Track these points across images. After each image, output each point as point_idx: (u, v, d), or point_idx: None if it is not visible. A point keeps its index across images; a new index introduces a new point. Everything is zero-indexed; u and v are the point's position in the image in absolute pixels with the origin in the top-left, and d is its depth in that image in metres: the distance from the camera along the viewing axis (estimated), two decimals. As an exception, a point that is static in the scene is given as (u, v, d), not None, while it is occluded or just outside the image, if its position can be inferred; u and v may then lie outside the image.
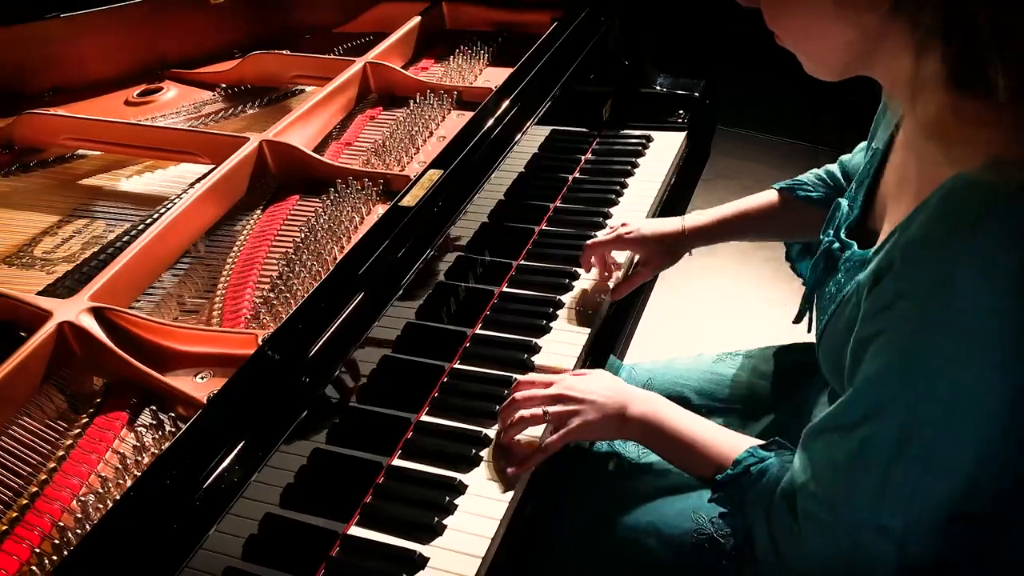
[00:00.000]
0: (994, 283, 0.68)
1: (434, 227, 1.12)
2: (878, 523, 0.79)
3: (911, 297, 0.72)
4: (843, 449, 0.79)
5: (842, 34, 0.74)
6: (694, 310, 2.43)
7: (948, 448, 0.75)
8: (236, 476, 0.81)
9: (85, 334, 1.01)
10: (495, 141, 1.27)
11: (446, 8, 1.85)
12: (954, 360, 0.71)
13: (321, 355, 0.92)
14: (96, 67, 1.78)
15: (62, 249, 1.31)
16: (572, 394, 1.04)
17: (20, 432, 0.95)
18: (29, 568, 0.81)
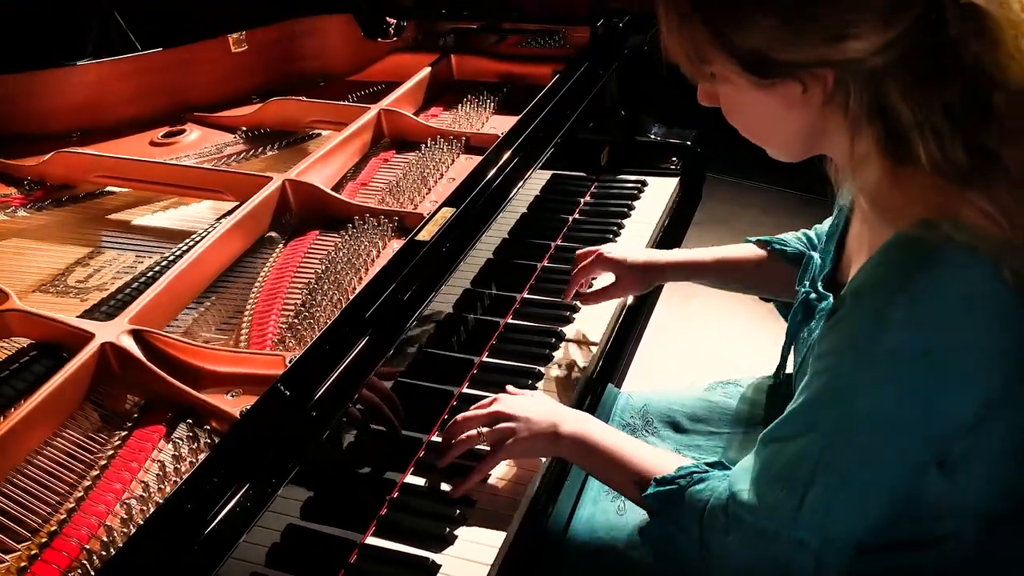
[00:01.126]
0: (919, 325, 0.76)
1: (447, 260, 1.21)
2: (795, 537, 0.86)
3: (848, 330, 0.82)
4: (779, 461, 0.87)
5: (789, 125, 0.86)
6: (690, 341, 2.53)
7: (863, 471, 0.83)
8: (262, 493, 0.88)
9: (125, 354, 1.09)
10: (502, 183, 1.37)
11: (454, 60, 1.96)
12: (875, 384, 0.80)
13: (349, 373, 1.00)
14: (122, 110, 1.88)
15: (94, 279, 1.39)
16: (507, 411, 1.10)
17: (65, 443, 1.03)
18: (80, 563, 0.88)
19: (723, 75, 0.84)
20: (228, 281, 1.34)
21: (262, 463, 0.90)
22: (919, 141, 0.75)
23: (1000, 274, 0.75)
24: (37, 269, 1.41)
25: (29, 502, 0.96)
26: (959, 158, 0.75)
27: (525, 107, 1.57)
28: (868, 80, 0.77)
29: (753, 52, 0.79)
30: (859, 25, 0.74)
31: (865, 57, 0.75)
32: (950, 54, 0.74)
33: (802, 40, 0.76)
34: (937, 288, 0.76)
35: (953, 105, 0.74)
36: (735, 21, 0.78)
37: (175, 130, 1.84)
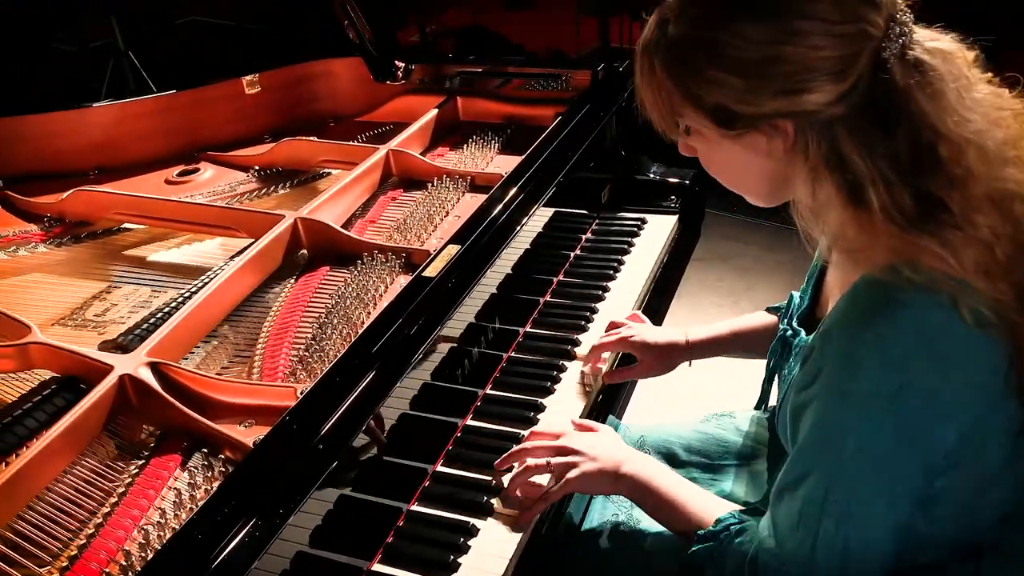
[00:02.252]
0: (889, 364, 0.82)
1: (452, 295, 1.26)
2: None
3: (825, 374, 0.87)
4: (793, 510, 0.92)
5: (757, 172, 0.93)
6: (687, 372, 2.56)
7: (864, 504, 0.87)
8: (270, 524, 0.92)
9: (143, 385, 1.14)
10: (505, 221, 1.42)
11: (460, 102, 2.03)
12: (859, 423, 0.85)
13: (356, 407, 1.05)
14: (138, 149, 1.96)
15: (111, 312, 1.44)
16: (576, 447, 1.14)
17: (85, 471, 1.07)
18: (100, 584, 0.92)
19: (695, 128, 0.92)
20: (241, 315, 1.39)
21: (271, 496, 0.93)
22: (870, 188, 0.82)
23: (959, 313, 0.80)
24: (56, 303, 1.46)
25: (50, 527, 1.00)
26: (906, 205, 0.81)
27: (528, 147, 1.63)
28: (824, 130, 0.84)
29: (718, 106, 0.86)
30: (813, 80, 0.81)
31: (820, 109, 0.82)
32: (896, 105, 0.81)
33: (761, 95, 0.83)
34: (899, 329, 0.81)
35: (900, 154, 0.81)
36: (701, 80, 0.86)
37: (189, 169, 1.91)
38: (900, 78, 0.81)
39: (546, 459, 1.14)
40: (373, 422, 1.10)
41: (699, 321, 1.43)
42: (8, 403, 1.19)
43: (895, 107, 0.81)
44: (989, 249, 0.82)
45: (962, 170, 0.82)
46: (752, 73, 0.83)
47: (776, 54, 0.82)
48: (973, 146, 0.82)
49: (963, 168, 0.82)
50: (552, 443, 1.16)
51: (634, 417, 1.50)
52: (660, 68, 0.89)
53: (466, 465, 1.23)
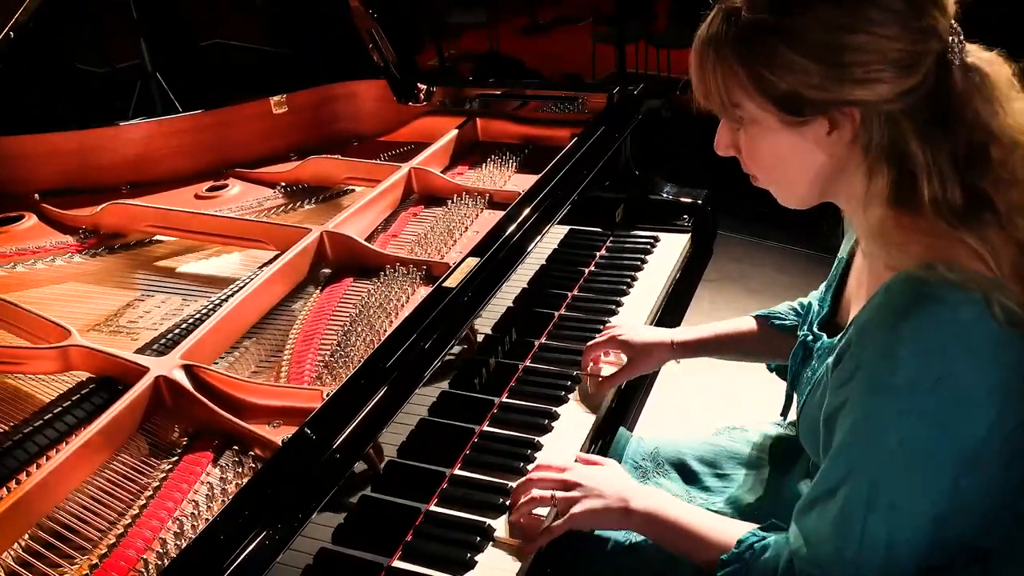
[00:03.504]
0: (926, 356, 0.85)
1: (471, 305, 1.32)
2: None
3: (863, 369, 0.90)
4: (830, 514, 0.93)
5: (811, 164, 0.95)
6: (701, 388, 2.61)
7: (909, 497, 0.89)
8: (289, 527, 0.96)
9: (177, 386, 1.20)
10: (522, 236, 1.48)
11: (479, 123, 2.10)
12: (900, 418, 0.88)
13: (383, 404, 1.10)
14: (169, 165, 2.03)
15: (144, 320, 1.50)
16: (581, 481, 1.13)
17: (122, 466, 1.13)
18: (137, 571, 0.97)
19: (752, 117, 0.93)
20: (268, 323, 1.45)
21: (297, 492, 0.99)
22: (925, 181, 0.86)
23: (991, 310, 0.84)
24: (91, 310, 1.52)
25: (89, 518, 1.05)
26: (956, 199, 0.86)
27: (545, 167, 1.69)
28: (889, 121, 0.87)
29: (788, 92, 0.88)
30: (884, 70, 0.85)
31: (888, 99, 0.86)
32: (955, 106, 0.85)
33: (832, 81, 0.86)
34: (936, 323, 0.84)
35: (957, 151, 0.85)
36: (773, 64, 0.88)
37: (218, 184, 1.98)
38: (960, 81, 0.86)
39: (551, 492, 1.14)
40: (372, 450, 1.13)
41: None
42: (48, 402, 1.25)
43: (955, 107, 0.86)
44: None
45: (1008, 173, 0.87)
46: (828, 58, 0.86)
47: (852, 41, 0.85)
48: (1021, 149, 0.87)
49: (1009, 172, 0.87)
50: (557, 476, 1.15)
51: (644, 430, 1.54)
52: (729, 56, 0.90)
53: (483, 469, 1.28)
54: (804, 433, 1.11)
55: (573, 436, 1.36)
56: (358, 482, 1.13)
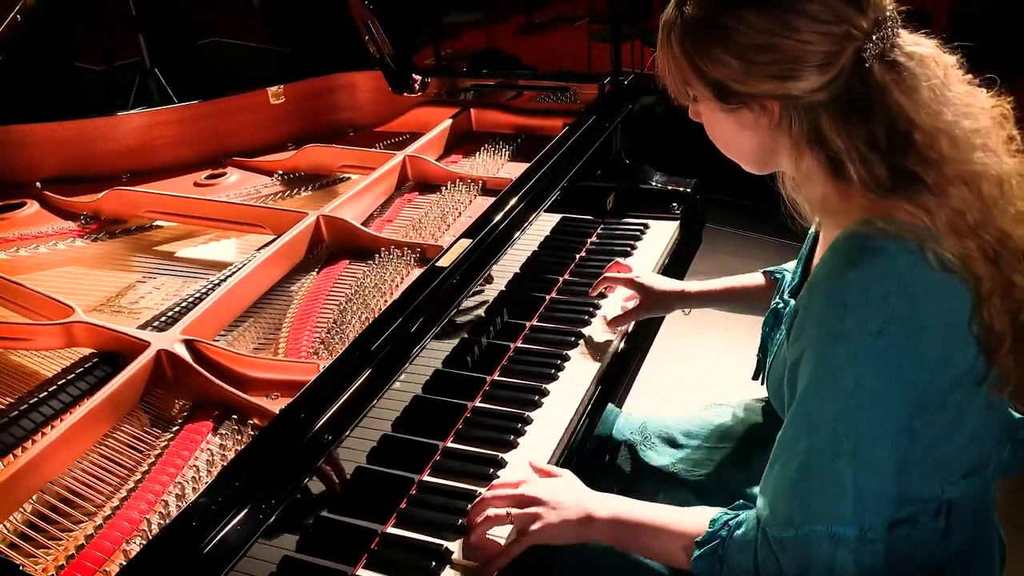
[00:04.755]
0: (872, 302, 0.91)
1: (463, 283, 1.36)
2: (833, 532, 0.94)
3: (815, 319, 0.95)
4: (792, 468, 0.96)
5: (747, 143, 1.04)
6: (685, 363, 2.66)
7: (869, 441, 0.93)
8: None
9: (178, 360, 1.23)
10: (515, 218, 1.52)
11: (473, 113, 2.14)
12: (854, 361, 0.92)
13: (379, 376, 1.14)
14: (168, 154, 2.06)
15: (144, 300, 1.54)
16: (537, 495, 1.10)
17: (125, 435, 1.17)
18: (140, 531, 1.01)
19: (700, 98, 1.03)
20: (266, 304, 1.48)
21: (291, 459, 1.02)
22: (848, 164, 0.93)
23: (924, 256, 0.90)
24: (93, 292, 1.55)
25: (94, 483, 1.09)
26: (882, 177, 0.92)
27: (537, 156, 1.73)
28: (807, 112, 0.95)
29: (718, 82, 0.98)
30: (800, 69, 0.92)
31: (804, 94, 0.93)
32: (873, 97, 0.92)
33: (755, 77, 0.95)
34: (877, 272, 0.91)
35: (878, 137, 0.92)
36: (706, 56, 0.97)
37: (217, 173, 2.01)
38: (879, 76, 0.92)
39: (506, 510, 1.11)
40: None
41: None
42: (51, 376, 1.29)
43: (872, 98, 0.92)
44: (960, 214, 0.92)
45: (935, 154, 0.93)
46: (748, 57, 0.94)
47: (772, 43, 0.93)
48: (944, 134, 0.93)
49: (936, 152, 0.93)
50: (512, 491, 1.13)
51: (633, 406, 1.58)
52: (675, 42, 1.00)
53: (474, 442, 1.32)
54: (772, 394, 1.15)
55: (561, 412, 1.40)
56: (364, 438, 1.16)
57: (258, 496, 0.96)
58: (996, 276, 0.93)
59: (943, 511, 1.04)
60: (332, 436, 1.07)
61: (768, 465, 1.00)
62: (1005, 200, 0.96)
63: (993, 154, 0.96)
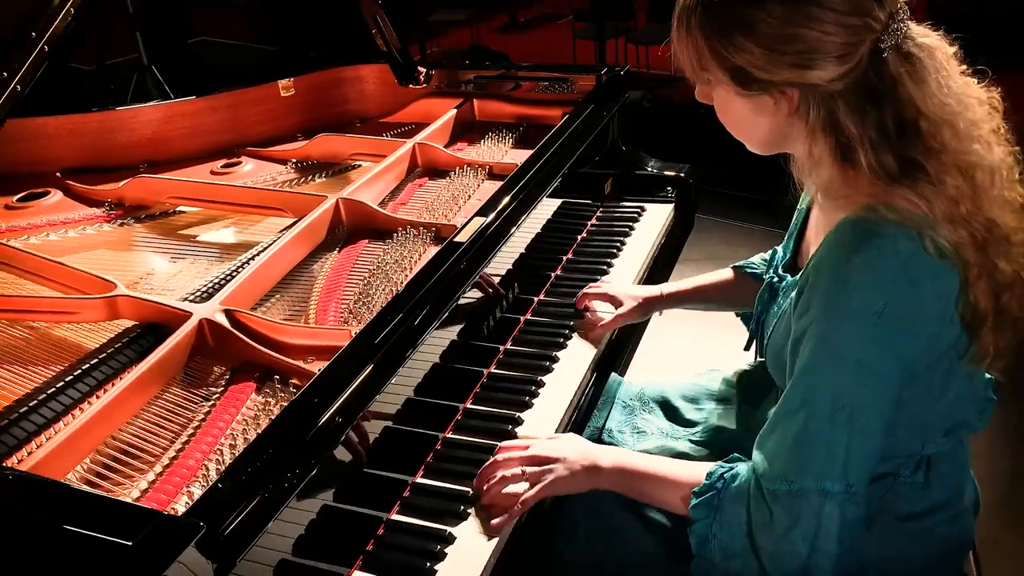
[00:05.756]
0: (875, 283, 1.00)
1: (478, 258, 1.46)
2: (822, 487, 1.01)
3: (821, 298, 1.04)
4: (791, 432, 1.04)
5: (761, 127, 1.10)
6: (684, 338, 2.79)
7: (864, 409, 1.02)
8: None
9: (219, 327, 1.33)
10: (524, 197, 1.62)
11: (476, 104, 2.25)
12: (856, 338, 1.01)
13: (410, 334, 1.24)
14: (184, 145, 2.15)
15: (175, 280, 1.63)
16: (546, 453, 1.21)
17: (174, 396, 1.27)
18: (199, 476, 1.11)
19: (715, 81, 1.09)
20: (291, 282, 1.58)
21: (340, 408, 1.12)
22: (860, 151, 1.01)
23: (923, 244, 0.99)
24: (124, 272, 1.64)
25: (150, 437, 1.19)
26: (890, 165, 1.01)
27: (540, 142, 1.83)
28: (824, 100, 1.02)
29: (740, 68, 1.04)
30: (820, 59, 0.99)
31: (823, 83, 1.01)
32: (887, 87, 1.00)
33: (775, 66, 1.01)
34: (881, 255, 0.99)
35: (888, 125, 1.00)
36: (728, 43, 1.03)
37: (232, 162, 2.11)
38: (893, 66, 1.00)
39: (520, 468, 1.21)
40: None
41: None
42: (97, 347, 1.38)
43: (886, 89, 1.00)
44: (955, 203, 1.01)
45: (937, 143, 1.01)
46: (772, 46, 1.00)
47: (794, 33, 0.99)
48: (948, 125, 1.02)
49: (938, 142, 1.01)
50: (523, 454, 1.23)
51: (634, 375, 1.69)
52: (696, 28, 1.04)
53: (493, 403, 1.43)
54: (771, 363, 1.25)
55: (569, 380, 1.51)
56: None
57: (306, 444, 1.06)
58: (983, 261, 1.02)
59: (922, 465, 1.16)
60: (369, 392, 1.17)
61: (768, 425, 1.09)
62: (994, 188, 1.04)
63: (987, 144, 1.05)
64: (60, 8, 1.47)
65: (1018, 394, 2.39)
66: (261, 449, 1.03)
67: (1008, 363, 1.10)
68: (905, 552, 1.18)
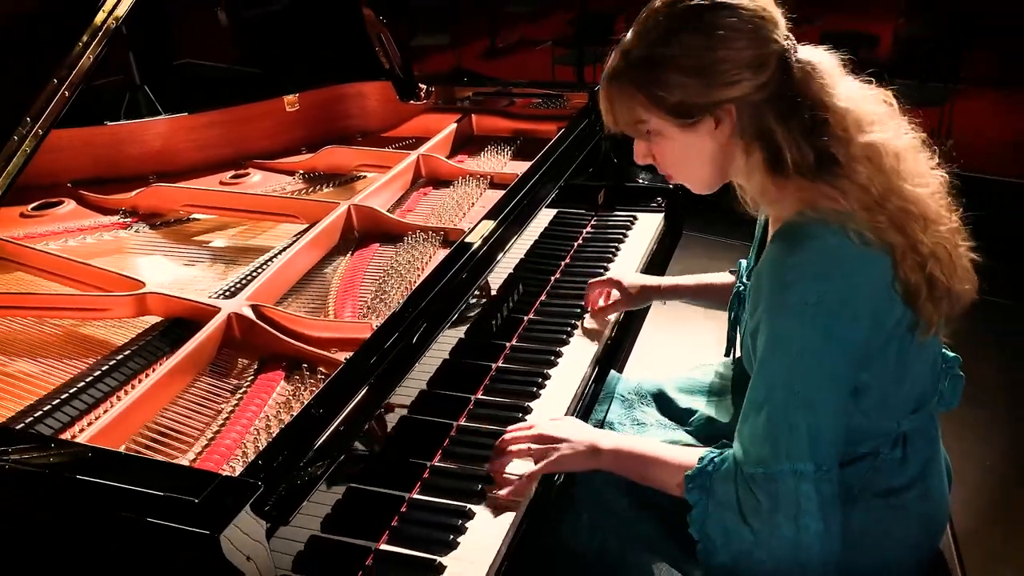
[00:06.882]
0: (809, 279, 1.11)
1: (487, 258, 1.55)
2: (794, 469, 1.10)
3: (764, 297, 1.15)
4: (760, 421, 1.13)
5: (704, 157, 1.21)
6: (678, 336, 2.90)
7: (818, 393, 1.12)
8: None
9: (247, 320, 1.41)
10: (527, 204, 1.72)
11: (474, 119, 2.35)
12: (796, 329, 1.12)
13: (434, 317, 1.33)
14: (192, 156, 2.23)
15: (193, 283, 1.70)
16: (551, 433, 1.31)
17: (206, 384, 1.34)
18: (238, 455, 1.18)
19: (655, 128, 1.19)
20: (306, 285, 1.66)
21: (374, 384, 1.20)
22: (786, 150, 1.13)
23: (848, 236, 1.11)
24: (145, 275, 1.72)
25: (185, 421, 1.27)
26: (810, 159, 1.13)
27: (536, 154, 1.93)
28: (755, 110, 1.15)
29: (678, 103, 1.16)
30: (741, 72, 1.13)
31: (750, 93, 1.14)
32: (798, 90, 1.14)
33: (709, 88, 1.14)
34: (812, 253, 1.11)
35: (804, 122, 1.13)
36: (662, 84, 1.15)
37: (240, 173, 2.19)
38: (798, 71, 1.14)
39: (527, 445, 1.31)
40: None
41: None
42: (128, 340, 1.45)
43: (798, 92, 1.14)
44: (866, 190, 1.13)
45: (842, 131, 1.14)
46: (700, 73, 1.14)
47: (713, 56, 1.13)
48: (848, 114, 1.15)
49: (843, 130, 1.14)
50: (529, 433, 1.32)
51: (631, 372, 1.79)
52: (628, 83, 1.17)
53: (502, 394, 1.52)
54: (746, 361, 1.35)
55: (570, 377, 1.60)
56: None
57: (340, 428, 1.14)
58: (904, 240, 1.14)
59: (899, 442, 1.26)
60: (395, 372, 1.25)
61: (740, 417, 1.19)
62: (902, 168, 1.17)
63: (889, 130, 1.18)
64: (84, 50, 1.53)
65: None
66: (307, 424, 1.11)
67: (957, 327, 1.22)
68: (888, 527, 1.28)
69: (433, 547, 1.20)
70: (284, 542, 1.04)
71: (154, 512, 0.92)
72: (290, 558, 1.07)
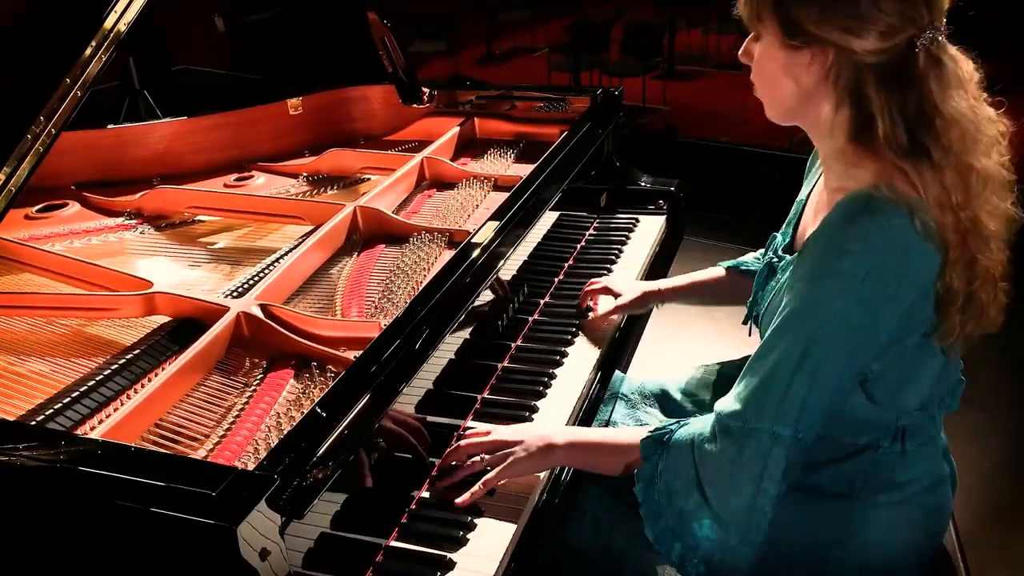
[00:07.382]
0: (866, 251, 1.11)
1: (493, 259, 1.56)
2: (772, 431, 1.11)
3: (812, 261, 1.15)
4: (759, 374, 1.13)
5: (789, 86, 1.20)
6: (680, 332, 2.90)
7: (827, 367, 1.13)
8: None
9: (256, 320, 1.42)
10: (532, 206, 1.74)
11: (477, 122, 2.36)
12: (839, 294, 1.11)
13: (433, 318, 1.34)
14: (196, 159, 2.24)
15: (200, 284, 1.71)
16: (504, 438, 1.30)
17: (216, 383, 1.35)
18: (248, 453, 1.19)
19: (764, 32, 1.17)
20: (312, 286, 1.66)
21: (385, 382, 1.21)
22: (879, 120, 1.12)
23: (912, 222, 1.11)
24: (151, 276, 1.72)
25: (196, 419, 1.27)
26: (902, 139, 1.13)
27: (539, 158, 1.94)
28: (855, 69, 1.14)
29: (793, 20, 1.13)
30: (866, 30, 1.11)
31: (860, 52, 1.12)
32: (912, 78, 1.12)
33: (827, 23, 1.12)
34: (876, 226, 1.11)
35: (907, 108, 1.12)
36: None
37: (244, 175, 2.20)
38: (922, 64, 1.12)
39: (480, 456, 1.31)
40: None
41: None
42: (137, 340, 1.46)
43: (913, 80, 1.12)
44: (947, 193, 1.13)
45: (947, 141, 1.13)
46: (830, 6, 1.10)
47: (854, 1, 1.09)
48: (959, 128, 1.14)
49: (947, 140, 1.13)
50: (484, 439, 1.32)
51: (635, 372, 1.80)
52: None
53: (508, 394, 1.53)
54: (763, 335, 1.36)
55: (575, 378, 1.60)
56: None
57: (352, 426, 1.15)
58: (962, 249, 1.14)
59: (899, 436, 1.27)
60: (407, 369, 1.27)
61: (741, 373, 1.18)
62: (985, 194, 1.17)
63: (988, 158, 1.17)
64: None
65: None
66: (319, 420, 1.12)
67: (971, 344, 1.22)
68: (889, 523, 1.29)
69: (443, 543, 1.20)
70: (296, 539, 1.05)
71: (171, 505, 0.92)
72: (301, 555, 1.07)
